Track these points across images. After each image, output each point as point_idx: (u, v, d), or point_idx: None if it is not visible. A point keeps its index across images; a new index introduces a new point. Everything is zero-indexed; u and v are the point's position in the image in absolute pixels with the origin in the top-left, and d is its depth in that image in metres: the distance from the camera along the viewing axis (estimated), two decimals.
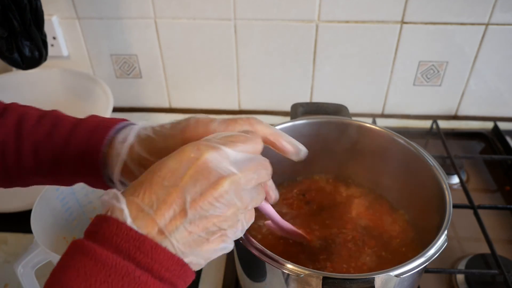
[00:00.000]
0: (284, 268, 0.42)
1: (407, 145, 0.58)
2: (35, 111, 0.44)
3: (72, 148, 0.41)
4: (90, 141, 0.41)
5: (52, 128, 0.42)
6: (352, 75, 0.93)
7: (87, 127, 0.42)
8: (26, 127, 0.42)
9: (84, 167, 0.42)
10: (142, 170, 0.34)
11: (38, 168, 0.43)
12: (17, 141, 0.42)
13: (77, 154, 0.41)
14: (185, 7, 0.87)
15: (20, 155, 0.42)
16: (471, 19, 0.84)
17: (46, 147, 0.42)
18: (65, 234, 0.61)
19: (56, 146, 0.42)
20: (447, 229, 0.46)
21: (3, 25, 0.71)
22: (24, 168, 0.43)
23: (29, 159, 0.42)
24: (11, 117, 0.43)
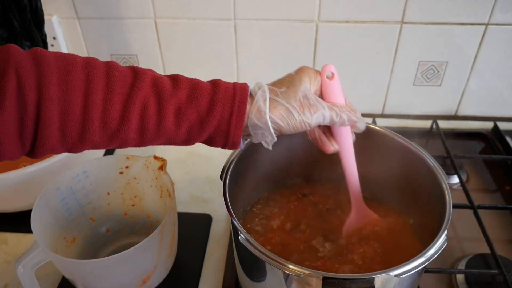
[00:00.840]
0: (284, 268, 0.42)
1: (407, 145, 0.58)
2: (161, 75, 0.45)
3: (218, 107, 0.44)
4: (235, 101, 0.45)
5: (191, 91, 0.44)
6: (352, 75, 0.93)
7: (226, 89, 0.45)
8: (166, 90, 0.43)
9: (227, 124, 0.45)
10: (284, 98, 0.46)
11: (176, 130, 0.44)
12: (159, 103, 0.43)
13: (223, 112, 0.44)
14: (185, 7, 0.87)
15: (162, 117, 0.43)
16: (471, 19, 0.84)
17: (189, 109, 0.44)
18: (65, 234, 0.61)
19: (200, 107, 0.44)
20: (447, 229, 0.46)
21: (3, 25, 0.71)
22: (163, 130, 0.44)
23: (170, 121, 0.43)
24: (146, 80, 0.43)
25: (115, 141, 0.43)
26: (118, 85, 0.42)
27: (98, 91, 0.41)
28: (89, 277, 0.53)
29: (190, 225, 0.71)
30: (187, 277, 0.64)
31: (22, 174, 0.65)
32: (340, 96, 0.50)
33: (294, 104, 0.46)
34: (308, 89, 0.47)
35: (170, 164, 0.63)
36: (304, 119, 0.46)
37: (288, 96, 0.46)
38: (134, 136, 0.43)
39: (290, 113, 0.46)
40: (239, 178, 0.57)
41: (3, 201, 0.71)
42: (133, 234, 0.69)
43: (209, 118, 0.44)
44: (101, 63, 0.43)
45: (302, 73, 0.48)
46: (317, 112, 0.46)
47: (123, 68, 0.44)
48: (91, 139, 0.42)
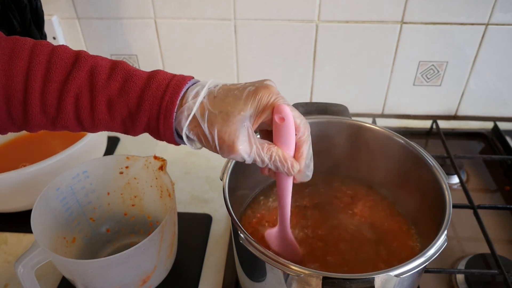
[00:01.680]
0: (284, 268, 0.42)
1: (407, 145, 0.58)
2: (105, 62, 0.45)
3: (146, 104, 0.43)
4: (164, 98, 0.43)
5: (124, 83, 0.43)
6: (352, 75, 0.93)
7: (159, 85, 0.43)
8: (99, 81, 0.43)
9: (156, 122, 0.43)
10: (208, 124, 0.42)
11: (111, 121, 0.44)
12: (91, 95, 0.43)
13: (151, 110, 0.43)
14: (185, 7, 0.87)
15: (94, 108, 0.43)
16: (471, 19, 0.84)
17: (120, 103, 0.43)
18: (65, 234, 0.61)
19: (130, 102, 0.43)
20: (447, 229, 0.46)
21: (3, 25, 0.71)
22: (98, 120, 0.44)
23: (103, 112, 0.44)
24: (83, 69, 0.43)
25: (59, 126, 0.45)
26: (57, 72, 0.43)
27: (37, 78, 0.42)
28: (89, 277, 0.53)
29: (190, 225, 0.71)
30: (187, 277, 0.64)
31: (22, 174, 0.65)
32: (286, 143, 0.44)
33: (216, 134, 0.42)
34: (245, 120, 0.42)
35: (170, 164, 0.63)
36: (220, 152, 0.43)
37: (214, 123, 0.42)
38: (74, 123, 0.44)
39: (207, 140, 0.42)
40: (239, 178, 0.57)
41: (3, 201, 0.71)
42: (133, 234, 0.69)
43: (138, 114, 0.43)
44: (48, 49, 0.43)
45: (254, 99, 0.42)
46: (236, 153, 0.42)
47: (68, 54, 0.44)
48: (36, 123, 0.44)
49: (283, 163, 0.44)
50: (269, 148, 0.44)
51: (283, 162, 0.44)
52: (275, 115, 0.42)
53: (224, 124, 0.42)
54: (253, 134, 0.43)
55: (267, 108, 0.42)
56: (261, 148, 0.43)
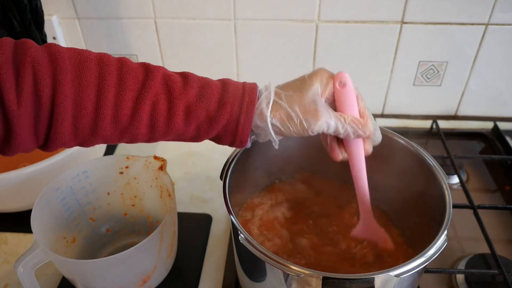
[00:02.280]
0: (284, 268, 0.42)
1: (407, 145, 0.58)
2: (172, 72, 0.46)
3: (227, 107, 0.45)
4: (243, 101, 0.45)
5: (201, 90, 0.45)
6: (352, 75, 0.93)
7: (235, 89, 0.46)
8: (177, 88, 0.44)
9: (236, 121, 0.45)
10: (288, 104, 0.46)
11: (185, 127, 0.45)
12: (169, 102, 0.44)
13: (232, 111, 0.45)
14: (185, 7, 0.87)
15: (172, 115, 0.44)
16: (471, 19, 0.84)
17: (199, 108, 0.44)
18: (65, 234, 0.61)
19: (210, 106, 0.45)
20: (447, 229, 0.46)
21: (3, 25, 0.71)
22: (173, 127, 0.45)
23: (179, 119, 0.44)
24: (157, 78, 0.44)
25: (126, 136, 0.45)
26: (130, 82, 0.43)
27: (110, 88, 0.42)
28: (89, 277, 0.53)
29: (190, 225, 0.71)
30: (187, 277, 0.64)
31: (22, 174, 0.65)
32: (351, 107, 0.48)
33: (297, 109, 0.45)
34: (317, 94, 0.46)
35: (170, 164, 0.63)
36: (306, 125, 0.45)
37: (292, 101, 0.45)
38: (145, 131, 0.45)
39: (291, 118, 0.45)
40: (239, 178, 0.57)
41: (3, 201, 0.71)
42: (133, 234, 0.69)
43: (218, 117, 0.45)
44: (114, 60, 0.44)
45: (315, 77, 0.47)
46: (321, 119, 0.45)
47: (135, 64, 0.44)
48: (103, 134, 0.43)
49: (357, 124, 0.47)
50: (341, 114, 0.47)
51: (357, 123, 0.47)
52: (336, 82, 0.48)
53: (302, 99, 0.46)
54: (325, 104, 0.47)
55: (329, 80, 0.48)
56: (337, 115, 0.47)
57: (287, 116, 0.45)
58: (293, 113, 0.45)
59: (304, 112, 0.45)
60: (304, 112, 0.45)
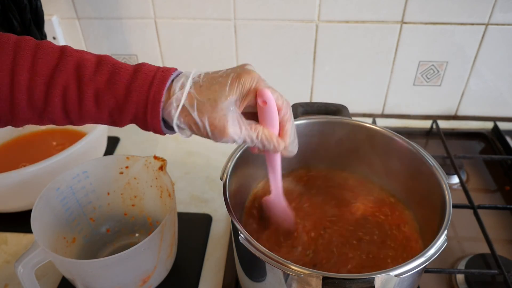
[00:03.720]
0: (284, 268, 0.42)
1: (407, 145, 0.58)
2: (91, 56, 0.46)
3: (133, 96, 0.44)
4: (151, 89, 0.44)
5: (111, 75, 0.44)
6: (352, 75, 0.94)
7: (145, 77, 0.44)
8: (86, 74, 0.44)
9: (144, 113, 0.44)
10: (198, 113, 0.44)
11: (98, 113, 0.45)
12: (79, 87, 0.44)
13: (138, 101, 0.44)
14: (185, 7, 0.87)
15: (82, 100, 0.44)
16: (471, 19, 0.84)
17: (107, 95, 0.44)
18: (65, 234, 0.61)
19: (118, 93, 0.44)
20: (447, 229, 0.46)
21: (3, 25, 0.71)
22: (85, 112, 0.45)
23: (90, 104, 0.44)
24: (70, 62, 0.44)
25: (46, 120, 0.45)
26: (42, 66, 0.43)
27: (23, 72, 0.43)
28: (89, 277, 0.53)
29: (190, 225, 0.71)
30: (187, 277, 0.64)
31: (22, 174, 0.65)
32: (271, 122, 0.47)
33: (206, 121, 0.44)
34: (231, 106, 0.44)
35: (170, 164, 0.63)
36: (211, 137, 0.45)
37: (204, 110, 0.44)
38: (61, 115, 0.45)
39: (198, 127, 0.44)
40: (239, 178, 0.57)
41: (3, 201, 0.71)
42: (133, 234, 0.69)
43: (126, 105, 0.44)
44: (32, 44, 0.44)
45: (237, 85, 0.44)
46: (227, 137, 0.44)
47: (53, 48, 0.44)
48: (23, 117, 0.44)
49: (269, 141, 0.47)
50: (256, 127, 0.46)
51: (269, 140, 0.47)
52: (258, 98, 0.45)
53: (213, 110, 0.44)
54: (240, 116, 0.46)
55: (251, 92, 0.45)
56: (249, 129, 0.46)
57: (195, 124, 0.44)
58: (201, 123, 0.44)
59: (212, 125, 0.44)
60: (212, 125, 0.44)
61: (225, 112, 0.44)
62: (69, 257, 0.61)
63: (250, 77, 0.45)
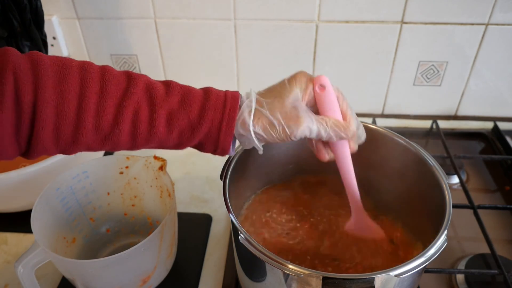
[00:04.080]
0: (284, 268, 0.42)
1: (407, 145, 0.58)
2: (155, 80, 0.46)
3: (208, 114, 0.45)
4: (225, 107, 0.45)
5: (183, 97, 0.45)
6: (352, 75, 0.93)
7: (218, 97, 0.46)
8: (158, 96, 0.44)
9: (218, 130, 0.45)
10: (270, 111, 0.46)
11: (167, 135, 0.45)
12: (151, 109, 0.44)
13: (214, 119, 0.45)
14: (185, 7, 0.87)
15: (154, 122, 0.44)
16: (471, 19, 0.84)
17: (181, 115, 0.45)
18: (65, 234, 0.61)
19: (192, 113, 0.45)
20: (447, 229, 0.46)
21: (3, 25, 0.71)
22: (155, 134, 0.45)
23: (161, 125, 0.44)
24: (139, 85, 0.44)
25: (108, 144, 0.44)
26: (112, 89, 0.43)
27: (92, 95, 0.42)
28: (89, 277, 0.53)
29: (190, 225, 0.71)
30: (187, 277, 0.64)
31: (22, 174, 0.65)
32: (333, 109, 0.48)
33: (279, 116, 0.45)
34: (298, 99, 0.46)
35: (170, 164, 0.63)
36: (288, 132, 0.45)
37: (273, 108, 0.46)
38: (126, 139, 0.44)
39: (274, 126, 0.45)
40: (239, 178, 0.57)
41: (3, 201, 0.71)
42: (133, 234, 0.69)
43: (200, 124, 0.45)
44: (96, 67, 0.44)
45: (294, 82, 0.47)
46: (303, 125, 0.45)
47: (117, 72, 0.45)
48: (84, 141, 0.43)
49: (339, 127, 0.47)
50: (322, 117, 0.47)
51: (339, 126, 0.47)
52: (316, 85, 0.47)
53: (283, 105, 0.46)
54: (307, 108, 0.47)
55: (309, 84, 0.47)
56: (319, 119, 0.47)
57: (270, 124, 0.45)
58: (275, 120, 0.45)
59: (286, 118, 0.45)
60: (286, 118, 0.45)
61: (293, 104, 0.46)
62: (69, 257, 0.61)
63: (302, 74, 0.48)
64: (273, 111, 0.45)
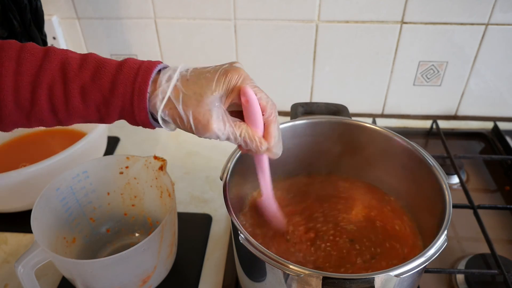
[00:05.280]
0: (284, 268, 0.42)
1: (407, 145, 0.58)
2: (75, 54, 0.46)
3: (119, 88, 0.44)
4: (136, 82, 0.44)
5: (96, 70, 0.44)
6: (352, 75, 0.93)
7: (130, 69, 0.44)
8: (71, 70, 0.44)
9: (131, 105, 0.44)
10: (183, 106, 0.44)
11: (85, 109, 0.45)
12: (64, 84, 0.44)
13: (125, 93, 0.44)
14: (185, 7, 0.87)
15: (68, 97, 0.44)
16: (471, 19, 0.84)
17: (93, 89, 0.44)
18: (65, 234, 0.61)
19: (103, 87, 0.44)
20: (447, 229, 0.46)
21: (3, 25, 0.71)
22: (72, 109, 0.45)
23: (77, 101, 0.44)
24: (54, 61, 0.44)
25: (34, 121, 0.45)
26: (27, 66, 0.43)
27: (9, 74, 0.43)
28: (89, 277, 0.53)
29: (190, 225, 0.71)
30: (187, 277, 0.64)
31: (22, 174, 0.65)
32: (253, 121, 0.47)
33: (190, 115, 0.44)
34: (217, 101, 0.45)
35: (170, 164, 0.63)
36: (195, 132, 0.45)
37: (189, 104, 0.44)
38: (49, 115, 0.45)
39: (183, 121, 0.44)
40: (239, 178, 0.57)
41: (3, 201, 0.71)
42: (133, 234, 0.69)
43: (112, 98, 0.44)
44: (16, 46, 0.44)
45: (224, 82, 0.45)
46: (210, 132, 0.44)
47: (37, 49, 0.45)
48: (11, 119, 0.44)
49: (251, 140, 0.47)
50: (240, 125, 0.46)
51: (252, 140, 0.47)
52: (241, 96, 0.45)
53: (198, 105, 0.44)
54: (225, 113, 0.46)
55: (236, 90, 0.45)
56: (233, 126, 0.46)
57: (179, 117, 0.44)
58: (185, 117, 0.44)
59: (196, 119, 0.44)
60: (196, 119, 0.44)
61: (210, 107, 0.44)
62: (69, 257, 0.61)
63: (237, 74, 0.45)
64: (187, 108, 0.44)
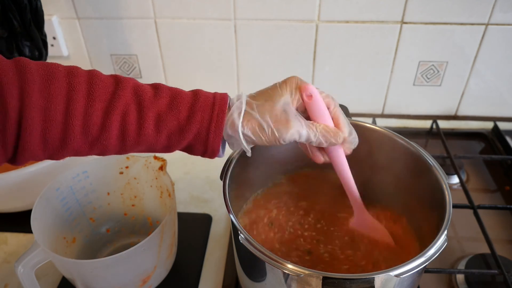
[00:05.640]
0: (284, 268, 0.42)
1: (407, 145, 0.58)
2: (143, 83, 0.46)
3: (197, 116, 0.45)
4: (214, 109, 0.45)
5: (172, 99, 0.45)
6: (352, 75, 0.93)
7: (206, 98, 0.46)
8: (146, 98, 0.44)
9: (207, 131, 0.45)
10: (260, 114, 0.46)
11: (155, 137, 0.45)
12: (139, 111, 0.44)
13: (203, 120, 0.45)
14: (185, 7, 0.87)
15: (142, 125, 0.44)
16: (471, 19, 0.84)
17: (169, 117, 0.44)
18: (65, 234, 0.61)
19: (180, 115, 0.45)
20: (447, 229, 0.46)
21: (3, 25, 0.71)
22: (143, 137, 0.44)
23: (149, 128, 0.44)
24: (127, 88, 0.44)
25: (96, 148, 0.44)
26: (100, 92, 0.43)
27: (79, 98, 0.42)
28: (89, 277, 0.53)
29: (190, 225, 0.71)
30: (187, 277, 0.64)
31: (22, 174, 0.65)
32: (322, 116, 0.48)
33: (269, 119, 0.45)
34: (288, 103, 0.47)
35: (170, 164, 0.63)
36: (277, 135, 0.45)
37: (264, 110, 0.46)
38: (115, 142, 0.44)
39: (263, 128, 0.45)
40: (239, 178, 0.57)
41: (3, 201, 0.71)
42: (133, 234, 0.69)
43: (188, 126, 0.45)
44: (83, 72, 0.44)
45: (285, 86, 0.47)
46: (292, 129, 0.46)
47: (105, 76, 0.45)
48: (72, 146, 0.43)
49: (329, 132, 0.48)
50: (312, 123, 0.48)
51: (329, 132, 0.48)
52: (303, 94, 0.47)
53: (273, 108, 0.46)
54: (297, 113, 0.47)
55: (298, 90, 0.48)
56: (308, 123, 0.47)
57: (259, 126, 0.45)
58: (265, 123, 0.45)
59: (275, 122, 0.45)
60: (275, 122, 0.45)
61: (284, 107, 0.46)
62: (69, 257, 0.61)
63: (294, 78, 0.48)
64: (263, 114, 0.45)
